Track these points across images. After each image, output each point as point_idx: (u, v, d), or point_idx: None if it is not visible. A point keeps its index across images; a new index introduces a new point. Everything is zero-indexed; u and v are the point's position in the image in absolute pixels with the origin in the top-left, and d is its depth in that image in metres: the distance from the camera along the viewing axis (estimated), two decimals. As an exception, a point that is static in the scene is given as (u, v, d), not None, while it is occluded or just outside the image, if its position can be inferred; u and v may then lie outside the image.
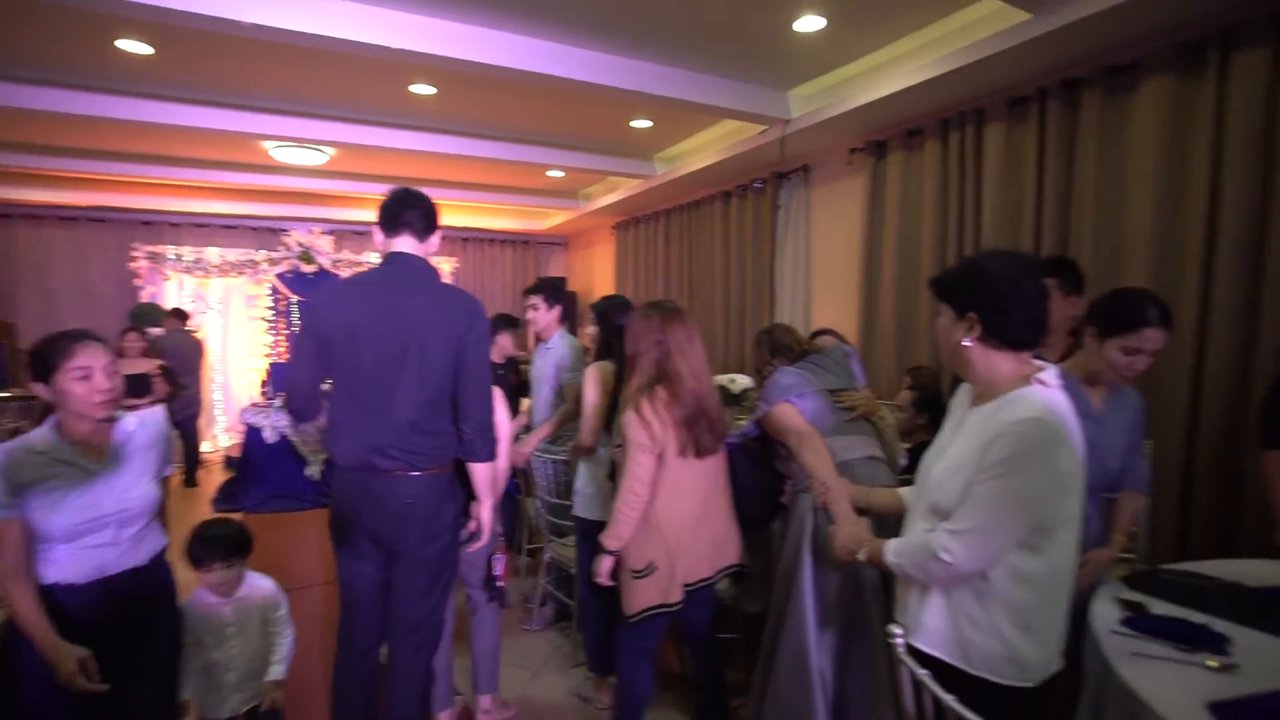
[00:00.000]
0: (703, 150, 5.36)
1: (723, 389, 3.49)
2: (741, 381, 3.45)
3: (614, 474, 2.03)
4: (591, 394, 2.39)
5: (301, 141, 4.97)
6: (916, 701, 1.17)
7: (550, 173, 6.24)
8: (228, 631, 1.93)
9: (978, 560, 1.15)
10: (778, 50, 3.68)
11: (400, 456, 1.76)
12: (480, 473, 1.90)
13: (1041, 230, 3.38)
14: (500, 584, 2.19)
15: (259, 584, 2.03)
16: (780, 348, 2.22)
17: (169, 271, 6.83)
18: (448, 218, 7.74)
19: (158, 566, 1.75)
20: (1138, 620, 1.35)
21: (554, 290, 3.28)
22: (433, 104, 4.54)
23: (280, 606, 2.03)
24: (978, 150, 3.71)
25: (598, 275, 8.27)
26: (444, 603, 1.94)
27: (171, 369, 4.19)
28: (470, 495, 1.96)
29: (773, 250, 5.29)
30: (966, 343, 1.25)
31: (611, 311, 2.52)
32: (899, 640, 1.19)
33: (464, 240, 8.37)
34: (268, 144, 5.17)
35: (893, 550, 1.30)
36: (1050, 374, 1.22)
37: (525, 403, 3.62)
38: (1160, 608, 1.44)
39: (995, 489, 1.14)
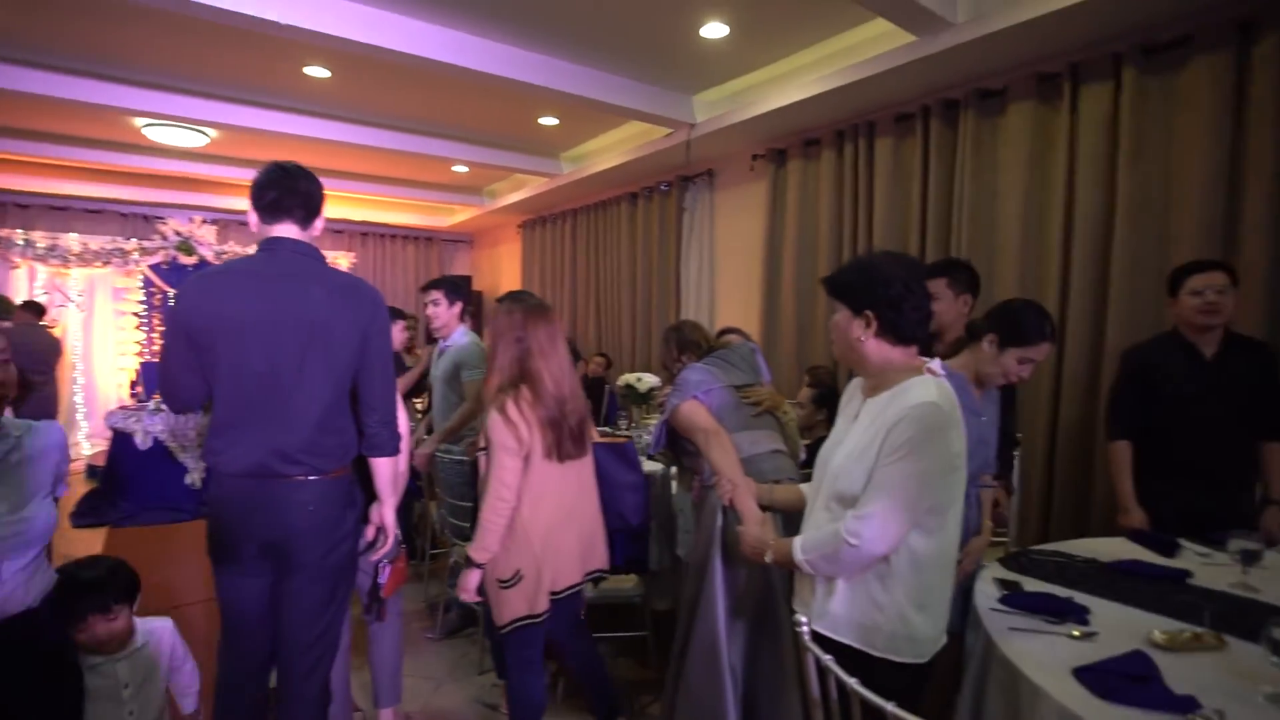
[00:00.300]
0: (609, 151, 5.38)
1: (630, 388, 3.52)
2: (648, 380, 3.49)
3: (475, 480, 1.96)
4: None
5: (179, 120, 4.56)
6: (821, 686, 1.21)
7: (455, 168, 6.08)
8: (124, 695, 1.63)
9: (885, 541, 1.21)
10: (684, 55, 3.75)
11: (305, 460, 1.64)
12: (383, 470, 1.79)
13: (926, 237, 3.63)
14: (382, 594, 2.01)
15: (155, 629, 1.72)
16: (688, 344, 2.24)
17: (17, 259, 6.10)
18: (346, 211, 7.37)
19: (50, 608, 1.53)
20: (1012, 597, 1.48)
21: (454, 286, 3.19)
22: (328, 88, 4.31)
23: (186, 648, 1.80)
24: (869, 161, 3.93)
25: (504, 274, 8.12)
26: (343, 616, 1.82)
27: (22, 366, 3.74)
28: (370, 498, 1.85)
29: (678, 252, 5.39)
30: (863, 338, 1.32)
31: None
32: (804, 629, 1.24)
33: (363, 235, 7.99)
34: (140, 121, 4.72)
35: (800, 548, 1.33)
36: (936, 364, 1.31)
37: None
38: (1031, 585, 1.57)
39: (898, 471, 1.20)
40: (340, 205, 7.24)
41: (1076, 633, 1.30)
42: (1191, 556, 1.82)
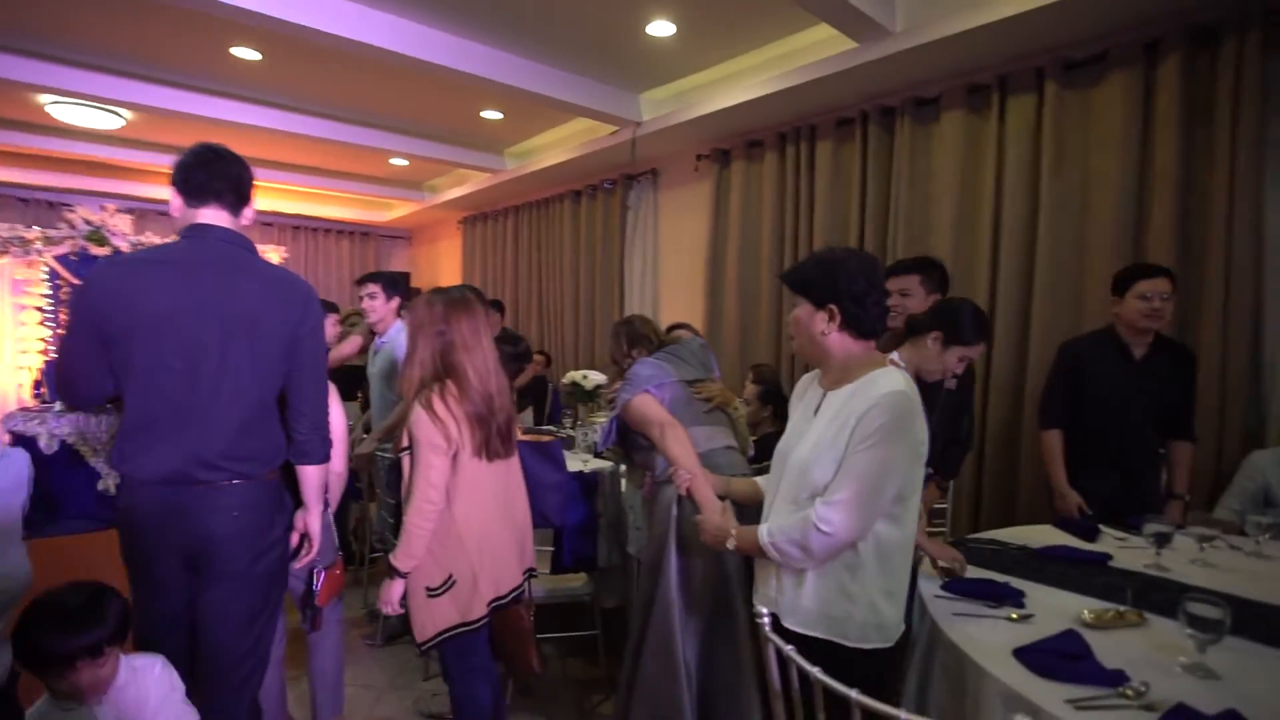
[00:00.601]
0: (554, 147, 5.33)
1: (576, 385, 3.50)
2: (594, 378, 3.47)
3: (397, 482, 1.88)
4: None
5: (89, 99, 4.23)
6: (783, 678, 1.21)
7: (393, 160, 5.89)
8: None
9: (855, 528, 1.23)
10: (631, 52, 3.75)
11: (227, 465, 1.53)
12: (311, 477, 1.69)
13: (864, 239, 3.74)
14: (317, 602, 1.92)
15: (140, 666, 1.42)
16: (638, 338, 2.20)
17: (-103, 249, 5.56)
18: (277, 203, 7.02)
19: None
20: (953, 584, 1.54)
21: (393, 280, 3.10)
22: (258, 71, 4.09)
23: (177, 688, 1.48)
24: (810, 164, 4.03)
25: (443, 271, 7.93)
26: (273, 627, 1.71)
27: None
28: (299, 503, 1.76)
29: (622, 251, 5.39)
30: (826, 332, 1.34)
31: None
32: (765, 620, 1.24)
33: (295, 229, 7.62)
34: (45, 98, 4.37)
35: (767, 532, 1.34)
36: (897, 357, 1.35)
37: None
38: (970, 571, 1.65)
39: (870, 457, 1.22)
40: (270, 197, 6.90)
41: (1014, 615, 1.37)
42: (1110, 541, 1.95)
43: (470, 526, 1.76)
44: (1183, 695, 1.05)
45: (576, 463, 2.95)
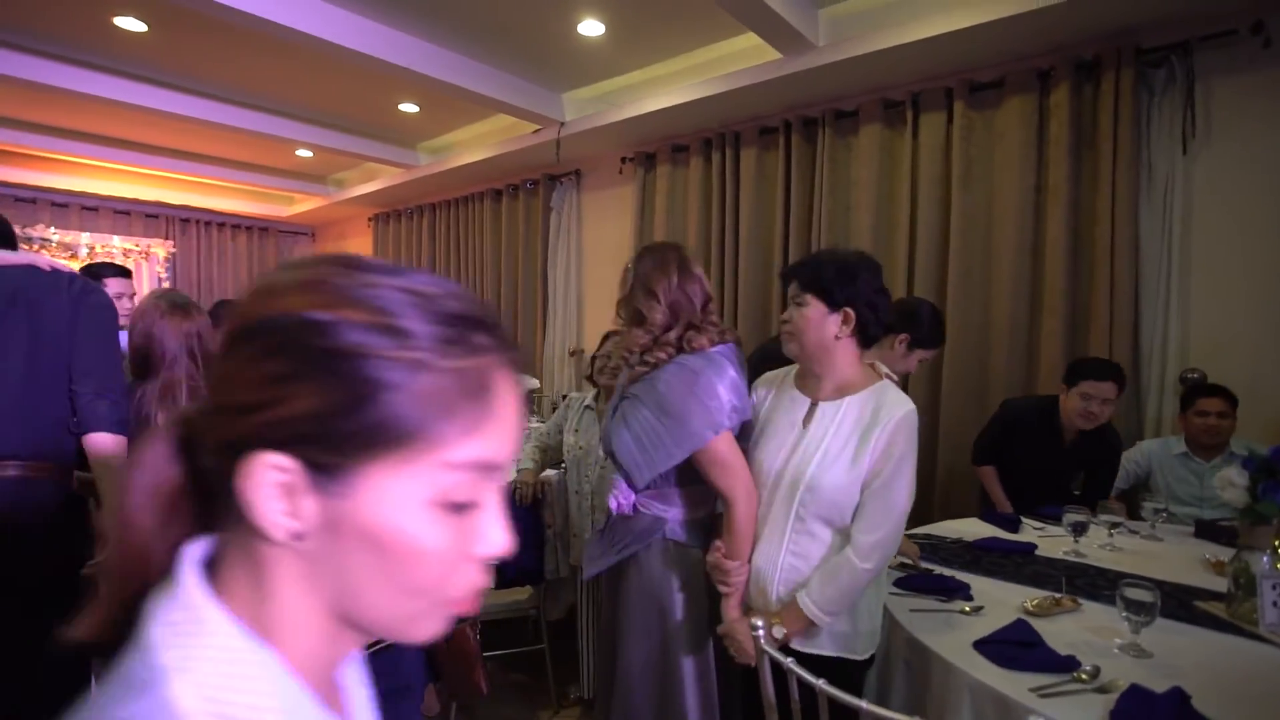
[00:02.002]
0: (472, 144, 5.16)
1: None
2: (527, 383, 3.38)
3: None
4: None
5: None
6: (780, 692, 1.16)
7: (299, 151, 5.52)
8: None
9: (888, 558, 1.23)
10: (558, 50, 3.69)
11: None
12: (107, 451, 1.47)
13: (789, 247, 3.86)
14: None
15: None
16: (707, 315, 1.54)
17: None
18: (162, 193, 6.41)
19: None
20: (905, 580, 1.60)
21: None
22: (144, 45, 3.69)
23: None
24: (735, 171, 4.11)
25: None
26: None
27: None
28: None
29: (545, 253, 5.30)
30: (839, 336, 1.28)
31: None
32: (760, 633, 1.20)
33: (183, 221, 6.96)
34: None
35: (815, 605, 1.21)
36: (884, 367, 1.35)
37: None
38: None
39: (899, 485, 1.21)
40: (155, 186, 6.29)
41: (966, 609, 1.43)
42: (1031, 531, 2.08)
43: None
44: (1125, 674, 1.13)
45: (510, 472, 2.86)
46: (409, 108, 4.61)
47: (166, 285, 6.65)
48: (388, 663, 1.67)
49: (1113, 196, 2.88)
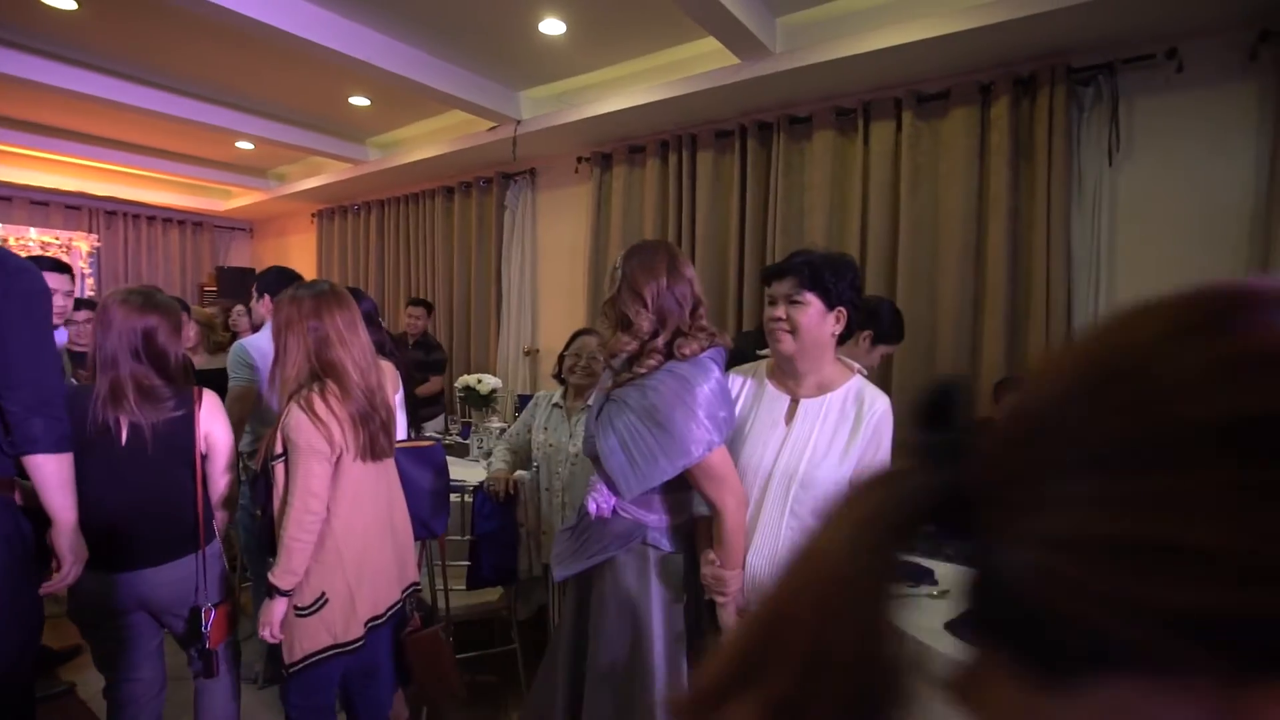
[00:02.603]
0: (423, 140, 5.08)
1: (470, 390, 3.35)
2: (489, 382, 3.34)
3: (266, 493, 1.64)
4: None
5: None
6: None
7: (239, 143, 5.30)
8: None
9: None
10: (517, 47, 3.67)
11: None
12: (47, 475, 1.37)
13: (744, 249, 3.94)
14: (209, 645, 1.66)
15: None
16: (695, 319, 1.49)
17: None
18: (86, 183, 6.04)
19: None
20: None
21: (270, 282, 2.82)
22: (75, 24, 3.48)
23: None
24: (692, 173, 4.17)
25: (295, 268, 7.25)
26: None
27: None
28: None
29: (499, 251, 5.25)
30: (835, 334, 1.31)
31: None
32: None
33: (109, 214, 6.56)
34: None
35: None
36: (853, 363, 1.40)
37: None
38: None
39: None
40: (77, 175, 5.92)
41: (934, 593, 1.50)
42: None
43: (350, 538, 1.60)
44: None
45: (474, 472, 2.83)
46: (359, 101, 4.50)
47: (90, 282, 6.28)
48: (318, 679, 1.63)
49: (1048, 204, 3.07)
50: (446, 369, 4.56)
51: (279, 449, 1.58)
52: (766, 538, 1.32)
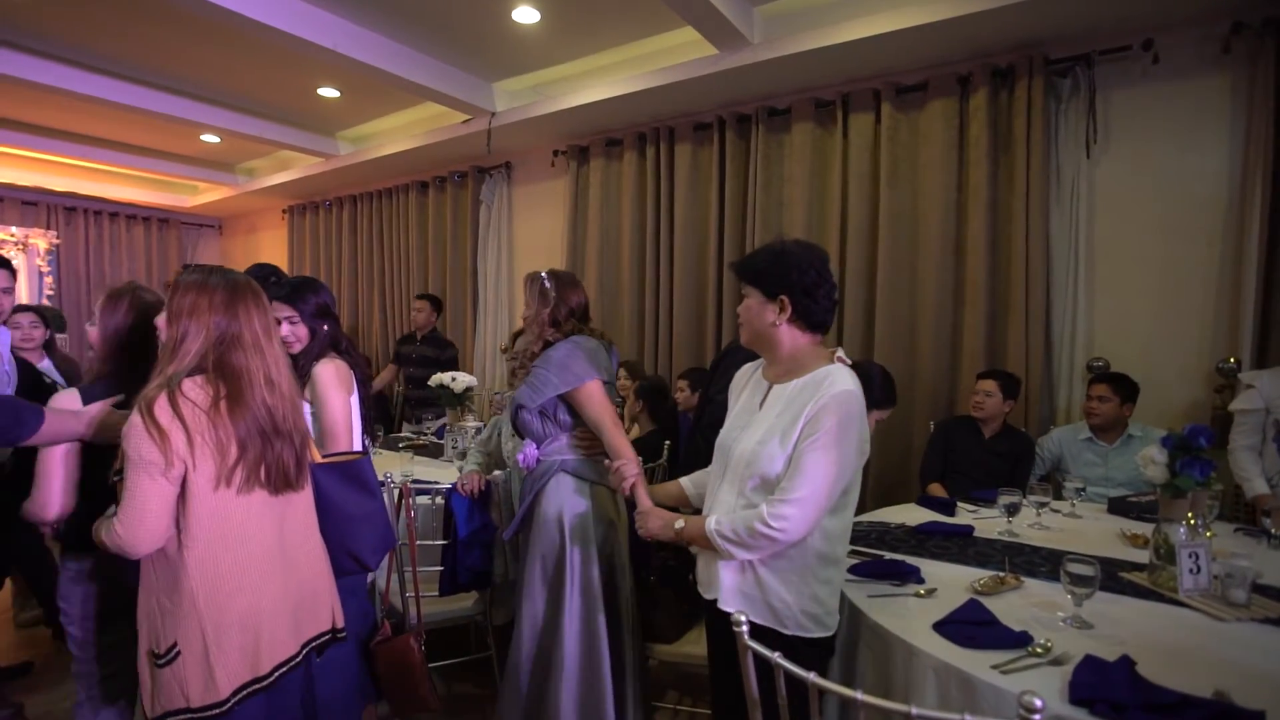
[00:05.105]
0: (397, 134, 4.96)
1: (444, 388, 3.26)
2: (463, 380, 3.26)
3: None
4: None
5: None
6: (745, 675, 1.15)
7: (204, 136, 5.14)
8: None
9: (805, 528, 1.23)
10: (491, 37, 3.58)
11: None
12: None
13: (724, 240, 3.90)
14: None
15: None
16: (581, 312, 1.98)
17: None
18: (44, 178, 5.83)
19: None
20: (859, 566, 1.63)
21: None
22: (28, 9, 3.33)
23: None
24: (670, 165, 4.12)
25: (273, 265, 7.08)
26: None
27: None
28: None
29: (475, 246, 5.16)
30: (777, 323, 1.34)
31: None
32: (745, 627, 1.13)
33: (69, 210, 6.33)
34: None
35: (715, 522, 1.32)
36: (842, 352, 1.38)
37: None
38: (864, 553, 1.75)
39: (823, 457, 1.23)
40: (34, 170, 5.70)
41: (921, 592, 1.47)
42: (966, 514, 2.18)
43: (210, 581, 1.26)
44: (1074, 645, 1.19)
45: (448, 473, 2.76)
46: (329, 92, 4.37)
47: (49, 281, 6.06)
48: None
49: (1027, 197, 3.06)
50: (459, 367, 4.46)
51: (118, 464, 1.25)
52: (721, 511, 1.38)
